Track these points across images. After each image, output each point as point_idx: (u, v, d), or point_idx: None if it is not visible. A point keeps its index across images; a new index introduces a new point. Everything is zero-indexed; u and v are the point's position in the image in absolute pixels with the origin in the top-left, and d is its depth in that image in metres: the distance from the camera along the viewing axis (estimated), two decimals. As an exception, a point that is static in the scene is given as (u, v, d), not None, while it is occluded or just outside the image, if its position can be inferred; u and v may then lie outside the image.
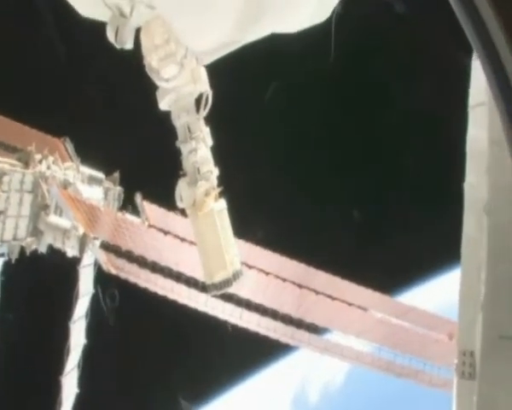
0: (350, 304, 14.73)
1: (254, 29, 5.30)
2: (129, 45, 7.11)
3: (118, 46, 6.87)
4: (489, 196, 5.00)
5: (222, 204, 9.72)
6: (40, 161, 15.20)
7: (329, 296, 14.64)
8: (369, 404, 37.67)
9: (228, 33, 5.31)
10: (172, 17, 5.64)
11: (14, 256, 15.10)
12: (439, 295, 24.93)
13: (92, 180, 17.21)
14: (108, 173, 17.96)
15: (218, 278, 9.65)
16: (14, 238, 14.48)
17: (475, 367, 5.92)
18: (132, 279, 16.19)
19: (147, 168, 20.27)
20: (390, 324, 14.99)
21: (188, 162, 9.43)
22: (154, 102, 9.74)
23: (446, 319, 14.56)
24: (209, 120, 9.44)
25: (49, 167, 15.44)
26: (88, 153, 17.24)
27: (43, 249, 15.79)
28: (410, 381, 16.19)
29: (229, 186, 9.96)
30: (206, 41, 6.11)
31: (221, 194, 9.73)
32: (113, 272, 16.64)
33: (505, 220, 4.78)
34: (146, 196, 16.10)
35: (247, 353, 26.77)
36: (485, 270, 4.82)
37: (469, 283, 6.28)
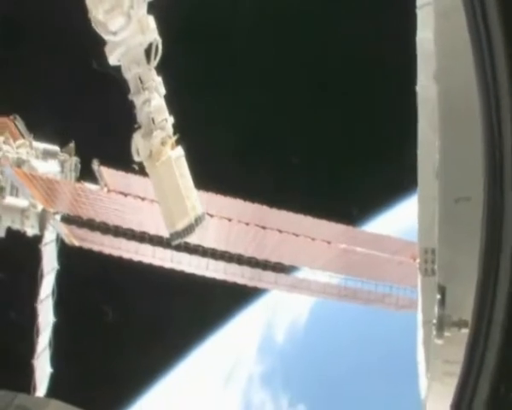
0: (313, 239, 15.01)
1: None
2: None
3: None
4: (437, 63, 5.19)
5: (179, 151, 9.80)
6: (-10, 144, 14.91)
7: (293, 234, 14.88)
8: (333, 341, 38.88)
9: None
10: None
11: (-27, 247, 14.79)
12: (401, 220, 25.64)
13: (47, 154, 16.87)
14: (63, 145, 17.69)
15: (181, 225, 9.76)
16: (-29, 229, 14.23)
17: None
18: (96, 248, 16.18)
19: (102, 134, 20.12)
20: (354, 252, 15.31)
21: (142, 113, 9.45)
22: (101, 65, 9.72)
23: (409, 241, 14.87)
24: (161, 68, 9.48)
25: (0, 148, 15.15)
26: (40, 127, 16.95)
27: (1, 234, 15.51)
28: (377, 306, 16.74)
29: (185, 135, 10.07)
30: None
31: (178, 142, 9.83)
32: (76, 243, 16.59)
33: (454, 85, 4.95)
34: (103, 162, 15.98)
35: (214, 304, 27.24)
36: (438, 137, 5.03)
37: (426, 182, 6.55)
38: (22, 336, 19.05)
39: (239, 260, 15.20)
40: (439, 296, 5.04)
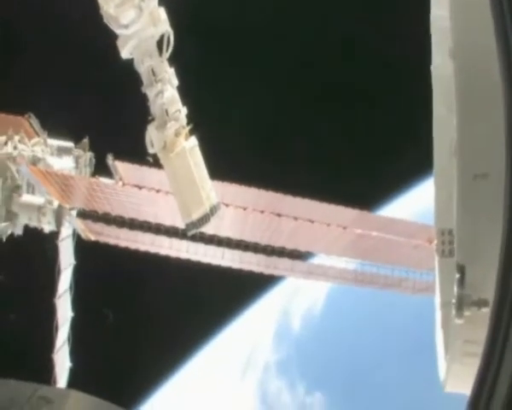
0: (329, 224, 15.00)
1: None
2: None
3: None
4: (453, 39, 5.15)
5: (193, 141, 9.86)
6: (6, 143, 15.00)
7: (308, 220, 14.88)
8: (350, 327, 38.86)
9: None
10: None
11: (-8, 244, 14.91)
12: (416, 204, 25.56)
13: (62, 151, 17.00)
14: (77, 141, 17.83)
15: (196, 215, 9.85)
16: (-11, 226, 14.36)
17: (454, 244, 6.15)
18: (112, 241, 16.28)
19: (116, 128, 20.19)
20: (370, 237, 15.26)
21: (155, 105, 9.51)
22: (113, 61, 9.77)
23: (425, 224, 14.83)
24: (173, 60, 9.51)
25: (15, 147, 15.22)
26: (54, 124, 17.08)
27: (19, 232, 15.67)
28: (394, 291, 16.72)
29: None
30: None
31: (191, 132, 9.88)
32: (93, 238, 16.71)
33: (472, 61, 4.88)
34: (118, 156, 16.06)
35: (229, 294, 27.36)
36: (456, 113, 5.02)
37: (442, 163, 6.53)
38: (41, 331, 19.21)
39: (255, 248, 15.24)
40: (458, 275, 5.00)
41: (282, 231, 14.81)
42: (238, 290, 27.68)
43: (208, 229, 12.93)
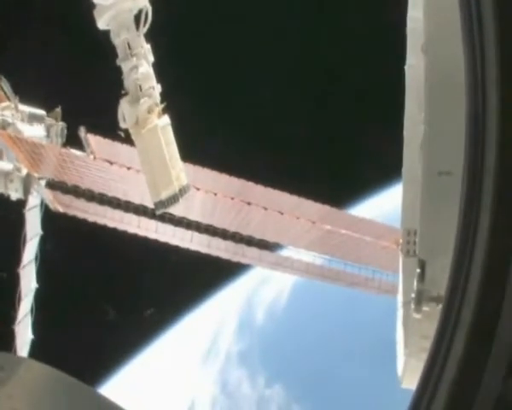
0: (298, 217, 15.00)
1: None
2: None
3: None
4: (425, 34, 5.14)
5: (166, 120, 9.71)
6: (-27, 106, 14.69)
7: (278, 211, 14.85)
8: (313, 322, 39.12)
9: None
10: None
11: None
12: (386, 206, 25.71)
13: (33, 118, 16.61)
14: (50, 109, 17.48)
15: (166, 194, 9.71)
16: (-47, 193, 14.06)
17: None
18: (80, 215, 16.07)
19: (89, 100, 19.93)
20: (339, 234, 15.33)
21: (129, 80, 9.33)
22: (91, 32, 9.57)
23: (393, 227, 14.89)
24: (150, 35, 9.36)
25: (-16, 111, 14.93)
26: (27, 90, 16.71)
27: (-16, 197, 15.40)
28: (359, 289, 16.82)
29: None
30: None
31: (164, 110, 9.73)
32: (61, 210, 16.48)
33: (442, 56, 4.90)
34: (90, 130, 15.82)
35: (195, 279, 27.33)
36: (424, 108, 4.98)
37: (411, 163, 6.52)
38: (3, 301, 18.93)
39: (223, 234, 15.20)
40: (418, 270, 5.05)
41: (251, 219, 14.78)
42: (204, 276, 27.63)
43: (178, 211, 12.83)
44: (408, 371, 6.43)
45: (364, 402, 33.94)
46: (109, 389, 31.19)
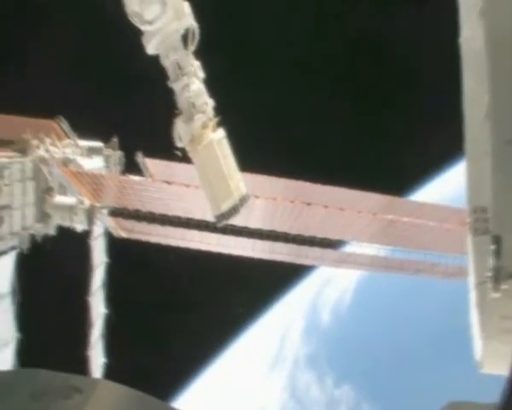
0: (359, 212, 14.90)
1: None
2: None
3: None
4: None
5: (221, 133, 9.88)
6: (37, 146, 15.20)
7: (338, 208, 14.79)
8: (379, 319, 38.56)
9: None
10: None
11: (26, 246, 15.06)
12: (447, 188, 25.26)
13: (92, 151, 17.23)
14: (107, 141, 18.06)
15: (226, 206, 9.85)
16: (24, 228, 14.51)
17: (488, 222, 6.01)
18: (143, 238, 16.46)
19: (144, 125, 20.39)
20: (401, 223, 15.11)
21: (182, 99, 9.56)
22: (137, 62, 9.84)
23: (457, 208, 14.62)
24: (199, 52, 9.54)
25: (47, 150, 15.43)
26: (84, 126, 17.30)
27: (52, 232, 15.88)
28: (426, 276, 16.58)
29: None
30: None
31: (219, 123, 9.91)
32: (124, 235, 16.90)
33: (502, 19, 4.86)
34: (147, 154, 16.19)
35: (260, 286, 27.44)
36: (487, 76, 4.94)
37: (473, 139, 6.40)
38: (76, 329, 19.50)
39: (285, 238, 15.23)
40: (493, 247, 4.84)
41: (312, 220, 14.76)
42: (268, 283, 27.76)
43: (238, 221, 12.96)
44: (488, 355, 6.03)
45: (439, 395, 33.22)
46: (181, 402, 31.63)
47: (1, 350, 14.04)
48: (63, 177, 15.22)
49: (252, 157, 13.01)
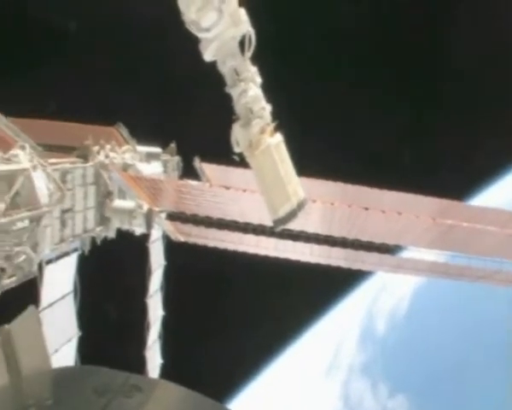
0: (417, 216, 14.63)
1: None
2: None
3: None
4: None
5: (278, 138, 9.88)
6: (98, 152, 15.57)
7: (396, 212, 14.56)
8: (435, 328, 37.67)
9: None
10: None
11: (87, 248, 15.43)
12: (508, 192, 24.54)
13: (150, 157, 17.65)
14: (165, 146, 18.44)
15: (283, 211, 9.83)
16: (85, 231, 14.86)
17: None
18: (201, 242, 16.63)
19: (200, 131, 20.65)
20: (460, 228, 14.73)
21: (239, 105, 9.60)
22: (195, 68, 9.94)
23: (517, 212, 14.28)
24: (256, 58, 9.58)
25: (107, 156, 15.80)
26: (143, 132, 17.70)
27: (112, 235, 16.23)
28: (486, 283, 16.14)
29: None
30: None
31: (276, 128, 9.92)
32: (182, 239, 17.14)
33: None
34: (204, 159, 16.39)
35: (315, 292, 27.32)
36: None
37: None
38: (134, 329, 19.88)
39: (343, 243, 15.14)
40: None
41: (369, 224, 14.59)
42: (324, 289, 27.66)
43: (296, 225, 12.93)
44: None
45: (495, 407, 32.30)
46: (236, 405, 31.78)
47: (64, 346, 14.42)
48: (122, 181, 15.54)
49: (309, 161, 13.01)
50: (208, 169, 16.01)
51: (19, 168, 11.36)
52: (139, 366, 18.76)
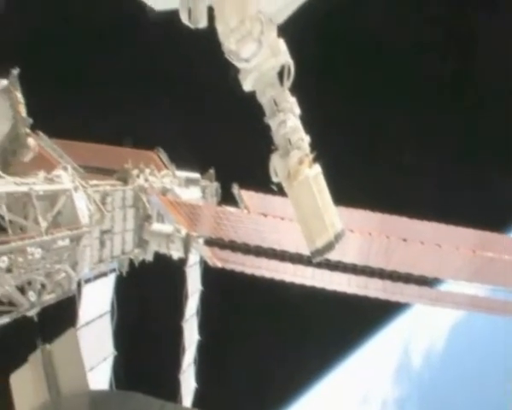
0: (457, 248, 14.38)
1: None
2: (202, 24, 7.36)
3: (192, 26, 7.10)
4: None
5: (316, 169, 9.87)
6: (138, 176, 15.83)
7: (436, 244, 14.35)
8: (474, 366, 36.61)
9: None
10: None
11: (125, 269, 15.62)
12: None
13: (189, 182, 17.87)
14: (204, 172, 18.64)
15: (321, 242, 9.75)
16: (123, 253, 15.08)
17: None
18: (238, 268, 16.66)
19: (240, 158, 20.80)
20: (502, 261, 14.45)
21: (278, 135, 9.62)
22: (234, 96, 10.03)
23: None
24: (295, 88, 9.63)
25: (146, 179, 16.06)
26: (182, 157, 17.94)
27: (149, 258, 16.39)
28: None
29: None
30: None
31: (315, 159, 9.91)
32: (219, 265, 17.19)
33: None
34: (243, 186, 16.47)
35: (350, 325, 27.00)
36: None
37: None
38: (169, 352, 19.94)
39: (380, 274, 15.00)
40: None
41: (408, 256, 14.42)
42: (361, 320, 27.34)
43: (333, 255, 12.86)
44: None
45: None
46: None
47: (100, 365, 14.57)
48: (161, 205, 15.73)
49: (347, 191, 12.94)
50: (246, 196, 16.08)
51: (61, 188, 11.68)
52: (173, 389, 18.80)
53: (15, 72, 11.77)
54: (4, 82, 11.81)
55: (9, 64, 11.38)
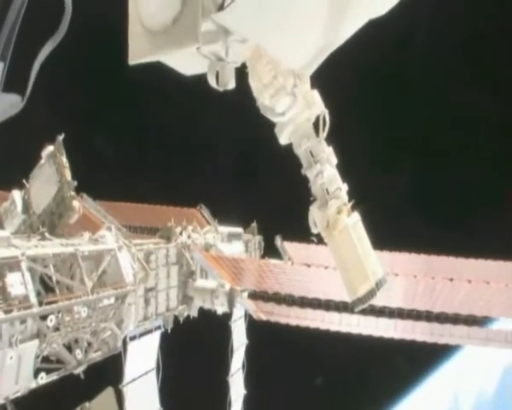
0: (507, 285, 14.05)
1: (345, 26, 5.63)
2: (231, 85, 7.54)
3: (221, 89, 7.29)
4: None
5: (355, 217, 9.87)
6: (181, 233, 16.07)
7: (483, 281, 14.07)
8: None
9: (320, 39, 5.65)
10: (265, 43, 6.06)
11: (170, 326, 15.75)
12: None
13: (232, 236, 18.09)
14: (246, 226, 18.85)
15: (362, 291, 9.65)
16: (167, 309, 15.23)
17: None
18: (283, 320, 16.59)
19: (282, 212, 20.94)
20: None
21: (316, 186, 9.64)
22: (272, 149, 10.20)
23: None
24: (330, 138, 9.75)
25: (189, 236, 16.28)
26: (224, 212, 18.20)
27: (194, 313, 16.49)
28: None
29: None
30: (302, 54, 6.48)
31: (353, 207, 9.95)
32: (264, 318, 17.16)
33: None
34: (285, 237, 16.55)
35: (398, 371, 26.42)
36: None
37: None
38: (216, 408, 19.82)
39: (427, 316, 14.77)
40: None
41: (455, 296, 14.14)
42: (408, 366, 26.78)
43: (379, 300, 12.74)
44: None
45: None
46: None
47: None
48: (204, 261, 15.86)
49: (389, 235, 12.90)
50: (289, 247, 16.13)
51: (105, 248, 11.98)
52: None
53: (60, 137, 12.29)
54: (51, 148, 12.33)
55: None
